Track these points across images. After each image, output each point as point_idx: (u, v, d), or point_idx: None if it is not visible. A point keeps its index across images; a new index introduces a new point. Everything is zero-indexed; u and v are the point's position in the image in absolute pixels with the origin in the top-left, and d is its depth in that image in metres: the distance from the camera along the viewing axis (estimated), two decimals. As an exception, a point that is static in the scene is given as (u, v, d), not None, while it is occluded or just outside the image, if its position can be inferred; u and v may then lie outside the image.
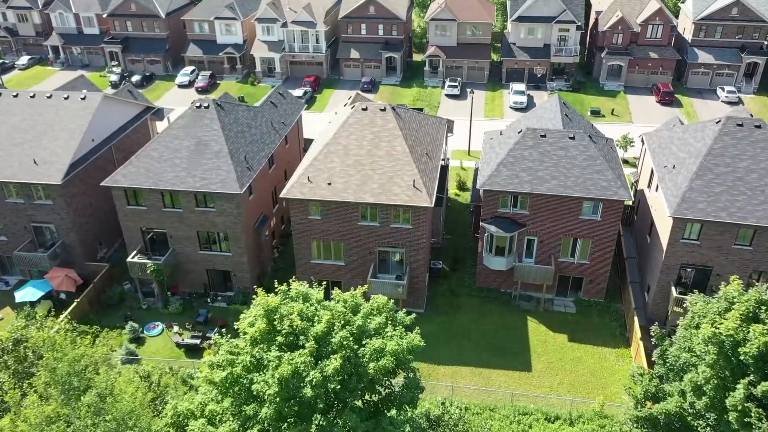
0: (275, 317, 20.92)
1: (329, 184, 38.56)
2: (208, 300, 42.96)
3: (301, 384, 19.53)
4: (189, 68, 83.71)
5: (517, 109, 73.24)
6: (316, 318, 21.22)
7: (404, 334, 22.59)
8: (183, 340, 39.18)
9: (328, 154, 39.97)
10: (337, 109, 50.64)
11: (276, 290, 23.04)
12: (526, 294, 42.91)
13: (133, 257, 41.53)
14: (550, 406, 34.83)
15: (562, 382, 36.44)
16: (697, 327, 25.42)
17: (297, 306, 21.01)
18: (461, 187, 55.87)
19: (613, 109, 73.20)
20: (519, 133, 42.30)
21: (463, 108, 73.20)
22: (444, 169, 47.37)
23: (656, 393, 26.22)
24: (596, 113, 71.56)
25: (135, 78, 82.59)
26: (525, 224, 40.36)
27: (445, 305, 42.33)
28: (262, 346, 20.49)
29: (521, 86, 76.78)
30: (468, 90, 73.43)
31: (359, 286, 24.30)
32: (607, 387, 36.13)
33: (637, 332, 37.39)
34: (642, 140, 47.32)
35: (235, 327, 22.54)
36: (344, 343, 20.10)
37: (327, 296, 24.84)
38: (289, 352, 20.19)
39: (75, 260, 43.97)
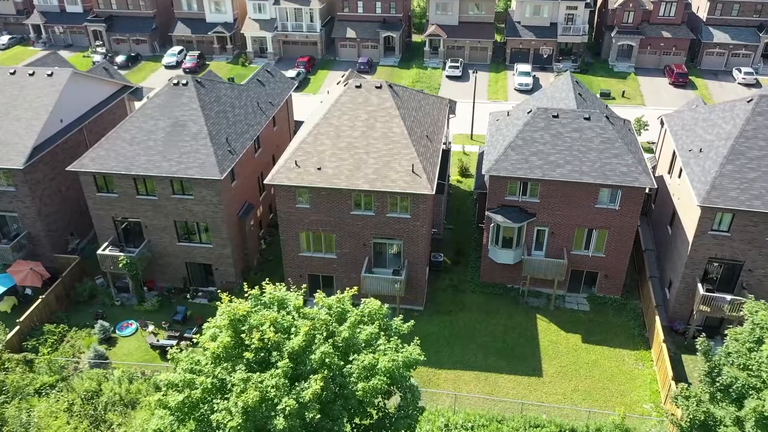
0: (243, 328, 17.21)
1: (319, 168, 34.76)
2: (188, 296, 39.29)
3: (272, 413, 15.89)
4: (176, 48, 79.49)
5: (522, 91, 69.26)
6: (293, 329, 17.51)
7: (400, 345, 18.91)
8: (158, 340, 35.55)
9: (318, 136, 36.12)
10: (330, 88, 46.71)
11: (246, 294, 19.30)
12: (535, 290, 39.27)
13: (104, 249, 37.80)
14: (564, 416, 31.30)
15: (576, 389, 32.89)
16: (759, 342, 21.43)
17: (270, 314, 17.32)
18: (464, 173, 52.06)
19: (623, 92, 69.19)
20: (529, 113, 38.43)
21: (464, 90, 69.27)
22: (445, 154, 43.56)
23: (706, 420, 21.97)
24: (606, 95, 67.55)
25: (120, 58, 78.40)
26: (535, 214, 36.61)
27: (446, 303, 38.68)
28: (226, 365, 16.80)
29: (527, 67, 72.74)
30: (470, 70, 69.35)
31: (347, 289, 20.53)
32: (626, 394, 32.59)
33: (659, 333, 33.79)
34: (661, 122, 43.46)
35: (194, 340, 18.90)
36: (326, 360, 16.44)
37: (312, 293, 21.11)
38: (259, 373, 16.49)
39: (42, 252, 40.23)
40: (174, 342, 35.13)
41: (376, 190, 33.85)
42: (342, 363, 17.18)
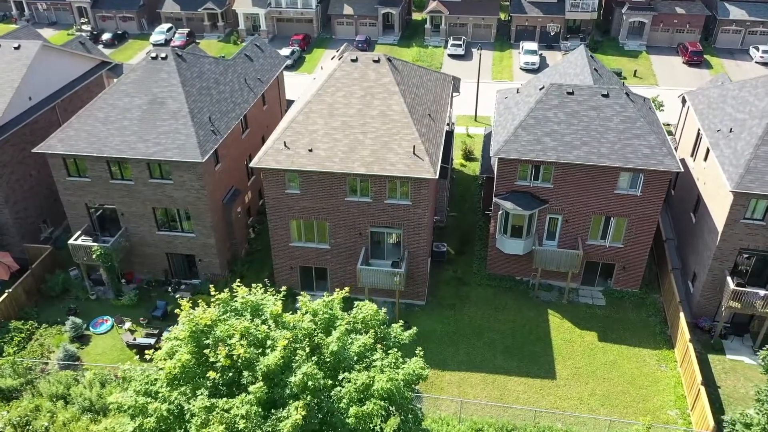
0: (207, 342, 14.07)
1: (310, 150, 31.47)
2: (169, 289, 36.15)
3: (241, 451, 12.83)
4: (165, 26, 75.67)
5: (528, 71, 65.71)
6: (269, 342, 14.36)
7: (401, 358, 15.79)
8: (135, 339, 32.48)
9: (310, 114, 32.77)
10: (324, 63, 43.27)
11: (213, 298, 16.13)
12: (546, 283, 36.16)
13: (76, 239, 34.60)
14: (581, 424, 28.33)
15: (593, 393, 29.89)
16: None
17: (241, 325, 14.17)
18: (467, 156, 48.74)
19: (635, 71, 65.61)
20: (541, 89, 35.08)
21: (467, 69, 65.70)
22: (449, 136, 40.22)
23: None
24: (617, 75, 63.87)
25: (105, 36, 74.70)
26: (547, 200, 33.40)
27: (450, 297, 35.58)
28: (184, 388, 13.69)
29: (533, 45, 69.07)
30: (474, 48, 65.78)
31: (337, 290, 17.34)
32: (648, 399, 29.59)
33: (684, 331, 30.73)
34: (683, 100, 40.08)
35: (148, 357, 15.80)
36: (309, 383, 13.31)
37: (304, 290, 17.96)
38: (225, 399, 13.38)
39: (10, 242, 37.06)
40: (152, 340, 32.08)
41: (374, 173, 30.61)
42: (330, 383, 14.13)
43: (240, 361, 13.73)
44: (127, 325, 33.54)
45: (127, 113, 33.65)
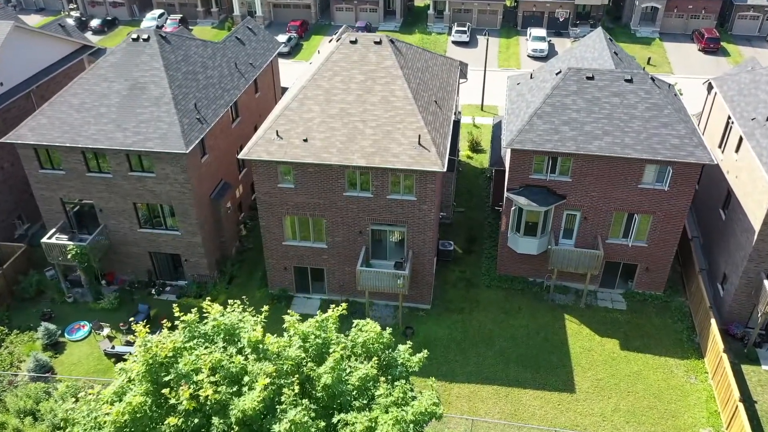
0: (168, 379, 11.25)
1: (305, 140, 28.56)
2: (153, 291, 33.31)
3: None
4: (157, 11, 72.54)
5: (536, 58, 62.69)
6: (247, 378, 11.53)
7: (409, 392, 12.95)
8: (113, 347, 29.67)
9: (305, 101, 29.83)
10: (323, 48, 40.25)
11: (178, 319, 13.27)
12: (561, 284, 33.35)
13: (50, 237, 31.74)
14: (604, 445, 25.60)
15: (617, 409, 27.11)
16: None
17: (210, 356, 11.36)
18: (474, 148, 45.82)
19: (649, 58, 62.52)
20: (557, 74, 32.11)
21: (472, 57, 62.51)
22: (455, 125, 37.28)
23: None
24: (630, 62, 60.87)
25: (95, 22, 71.60)
26: (565, 195, 30.53)
27: (458, 300, 32.76)
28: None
29: (541, 31, 65.94)
30: (481, 34, 62.76)
31: (332, 307, 14.47)
32: (678, 415, 26.82)
33: (717, 340, 27.94)
34: (709, 86, 37.09)
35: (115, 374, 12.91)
36: (296, 432, 10.50)
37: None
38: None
39: (-20, 240, 34.24)
40: (132, 348, 29.20)
41: (375, 166, 27.72)
42: (322, 425, 11.31)
43: (209, 403, 10.92)
44: (106, 331, 30.73)
45: (105, 99, 30.71)
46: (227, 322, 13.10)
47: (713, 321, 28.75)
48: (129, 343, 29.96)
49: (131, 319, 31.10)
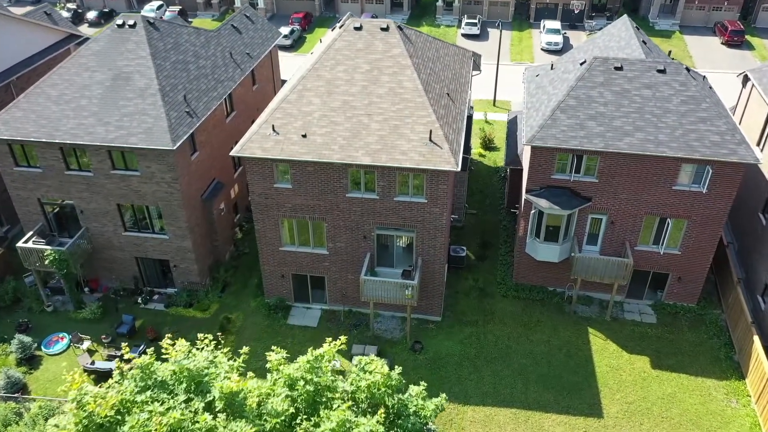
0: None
1: (304, 136, 25.81)
2: (139, 300, 30.67)
3: None
4: (156, 3, 69.78)
5: (550, 51, 59.71)
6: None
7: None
8: (92, 362, 27.02)
9: (304, 93, 27.09)
10: (325, 36, 37.47)
11: (127, 363, 10.55)
12: (585, 295, 30.53)
13: (26, 241, 29.15)
14: (638, 479, 22.78)
15: (650, 436, 24.32)
16: None
17: (168, 414, 8.65)
18: (487, 145, 42.96)
19: (669, 52, 58.95)
20: (582, 64, 29.24)
21: (483, 50, 59.43)
22: (468, 120, 34.44)
23: None
24: (650, 56, 57.84)
25: (91, 14, 69.07)
26: (590, 197, 27.69)
27: (471, 311, 29.97)
28: None
29: (556, 24, 62.94)
30: (491, 27, 59.82)
31: (328, 342, 11.71)
32: (719, 445, 24.01)
33: (761, 359, 25.05)
34: (744, 79, 34.08)
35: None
36: None
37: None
38: None
39: (-46, 243, 31.68)
40: (113, 365, 26.57)
41: (381, 164, 24.95)
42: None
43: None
44: (86, 344, 28.08)
45: (86, 91, 28.07)
46: (193, 367, 10.33)
47: (756, 338, 25.86)
48: (111, 358, 27.32)
49: (116, 329, 28.67)
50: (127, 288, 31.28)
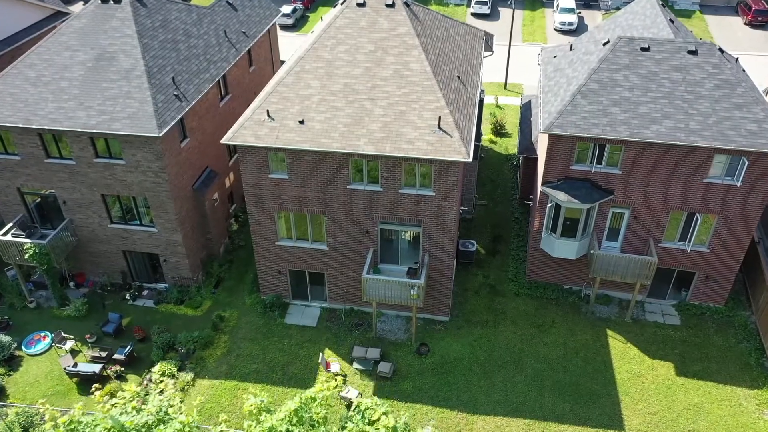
0: None
1: (301, 122, 23.67)
2: (127, 296, 28.82)
3: None
4: (153, -19, 67.23)
5: (564, 32, 57.05)
6: None
7: None
8: (75, 365, 25.22)
9: (302, 75, 24.88)
10: (327, 14, 35.08)
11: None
12: (603, 293, 28.49)
13: (5, 233, 27.27)
14: (664, 501, 20.90)
15: (676, 452, 22.40)
16: None
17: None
18: (498, 131, 40.67)
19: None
20: (605, 44, 26.88)
21: (494, 30, 56.81)
22: (479, 105, 32.15)
23: None
24: (669, 37, 55.05)
25: (86, -8, 66.52)
26: (612, 190, 25.51)
27: (481, 310, 27.99)
28: None
29: (570, 2, 60.08)
30: (502, 6, 57.06)
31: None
32: (751, 462, 22.07)
33: (797, 369, 23.03)
34: (778, 62, 31.58)
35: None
36: None
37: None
38: None
39: (-69, 234, 29.79)
40: (98, 367, 24.84)
41: (385, 154, 22.81)
42: None
43: None
44: (69, 344, 26.28)
45: (66, 72, 25.95)
46: (131, 426, 8.25)
47: (791, 344, 23.82)
48: (95, 359, 25.52)
49: (101, 328, 26.84)
50: (115, 283, 29.46)
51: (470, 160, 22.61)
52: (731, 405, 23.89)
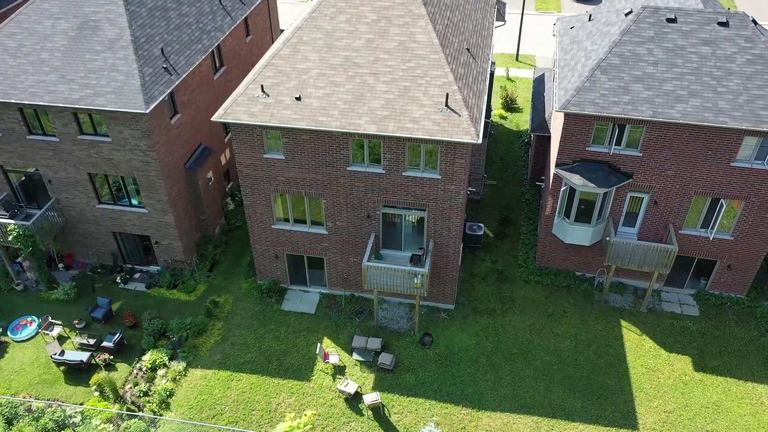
0: None
1: (298, 98, 21.97)
2: (118, 279, 27.58)
3: None
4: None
5: (580, 1, 54.39)
6: None
7: None
8: (62, 352, 24.10)
9: (299, 47, 23.07)
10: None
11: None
12: (617, 281, 27.03)
13: (-12, 214, 25.98)
14: (680, 507, 19.74)
15: (693, 453, 21.17)
16: None
17: None
18: (508, 106, 38.75)
19: (711, 1, 53.77)
20: (628, 14, 24.85)
21: (506, -3, 54.55)
22: (489, 78, 30.26)
23: None
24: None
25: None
26: (632, 173, 23.81)
27: (488, 298, 26.61)
28: None
29: (586, -32, 57.23)
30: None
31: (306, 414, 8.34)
32: (773, 465, 20.83)
33: (825, 367, 21.60)
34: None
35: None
36: None
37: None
38: None
39: None
40: (86, 356, 23.73)
41: (388, 134, 21.13)
42: None
43: None
44: (56, 330, 25.15)
45: (47, 42, 24.24)
46: None
47: (819, 340, 22.36)
48: (83, 347, 24.41)
49: (90, 313, 25.70)
50: (106, 265, 28.20)
51: (479, 141, 20.92)
52: (752, 403, 22.57)
